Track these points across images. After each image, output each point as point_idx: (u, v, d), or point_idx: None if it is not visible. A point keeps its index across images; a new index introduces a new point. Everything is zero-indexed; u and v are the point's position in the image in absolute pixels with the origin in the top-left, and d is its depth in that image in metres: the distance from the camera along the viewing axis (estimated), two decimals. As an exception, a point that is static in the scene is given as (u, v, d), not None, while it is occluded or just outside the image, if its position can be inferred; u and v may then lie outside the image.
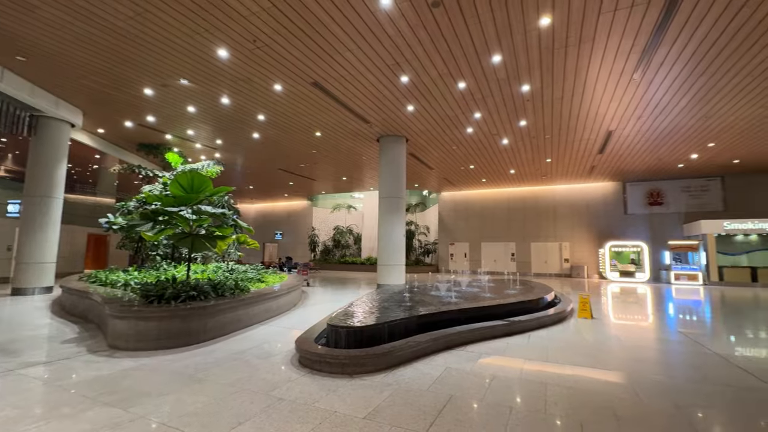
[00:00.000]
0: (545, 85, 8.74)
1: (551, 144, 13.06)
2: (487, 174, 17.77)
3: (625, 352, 5.16)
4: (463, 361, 4.48)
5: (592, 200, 19.41)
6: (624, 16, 6.25)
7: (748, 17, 6.19)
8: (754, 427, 2.91)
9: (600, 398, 3.42)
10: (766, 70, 7.79)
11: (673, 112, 10.15)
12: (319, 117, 10.87)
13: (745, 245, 15.89)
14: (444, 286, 8.41)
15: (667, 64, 7.73)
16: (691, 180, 17.61)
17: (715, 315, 8.48)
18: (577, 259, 19.39)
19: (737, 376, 4.08)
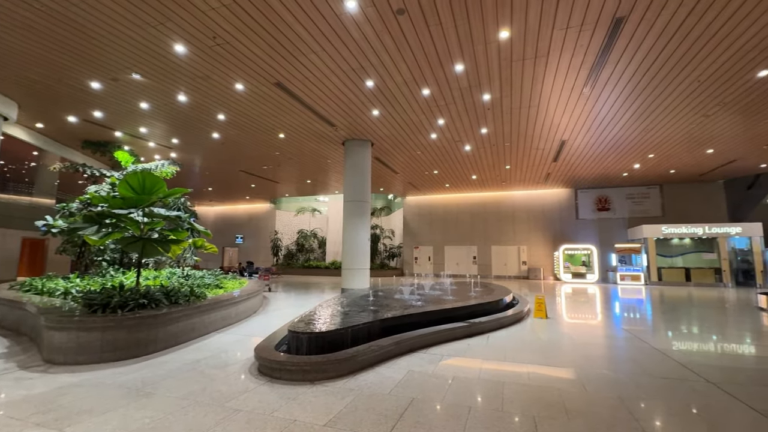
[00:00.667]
0: (505, 95, 9.13)
1: (510, 151, 13.64)
2: (450, 179, 18.22)
3: (576, 349, 5.46)
4: (426, 364, 4.54)
5: (548, 206, 20.46)
6: (574, 35, 6.68)
7: (679, 44, 6.83)
8: (686, 414, 3.17)
9: (552, 394, 3.59)
10: (695, 89, 8.62)
11: (618, 125, 10.96)
12: (283, 118, 10.65)
13: (680, 248, 17.42)
14: (408, 289, 8.50)
15: (612, 81, 8.34)
16: (634, 188, 19.07)
17: (655, 312, 9.20)
18: (534, 262, 20.32)
19: (673, 368, 4.45)
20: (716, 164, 14.92)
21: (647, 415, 3.13)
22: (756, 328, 7.12)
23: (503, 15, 6.19)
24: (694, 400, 3.46)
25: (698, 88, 8.58)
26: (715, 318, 8.20)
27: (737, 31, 6.49)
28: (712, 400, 3.48)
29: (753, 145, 12.49)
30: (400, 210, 23.72)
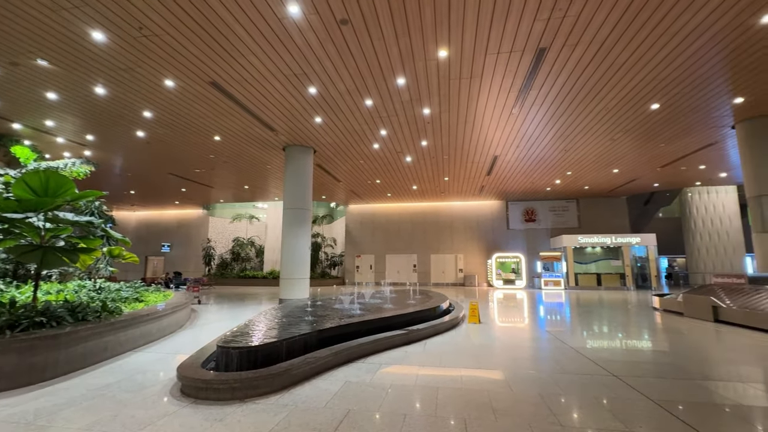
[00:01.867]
0: (443, 111, 9.59)
1: (449, 164, 14.31)
2: (392, 189, 18.57)
3: (505, 351, 5.82)
4: (363, 373, 4.51)
5: (482, 216, 21.74)
6: (504, 59, 7.26)
7: (591, 75, 7.75)
8: (595, 405, 3.52)
9: (482, 395, 3.77)
10: (604, 116, 9.82)
11: (542, 144, 12.07)
12: (219, 120, 10.09)
13: (593, 255, 19.52)
14: (348, 298, 8.43)
15: (537, 104, 9.18)
16: (555, 201, 21.05)
17: (573, 315, 10.16)
18: (470, 270, 21.38)
19: (585, 365, 4.93)
20: (621, 182, 17.07)
21: (563, 410, 3.42)
22: (651, 325, 8.19)
23: (442, 35, 6.53)
24: (602, 393, 3.86)
25: (606, 115, 9.78)
26: (620, 318, 9.27)
27: (635, 69, 7.54)
28: (616, 392, 3.90)
29: (649, 166, 14.51)
30: (343, 218, 23.60)
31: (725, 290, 9.03)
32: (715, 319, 8.40)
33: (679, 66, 7.40)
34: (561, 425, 3.08)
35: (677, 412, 3.35)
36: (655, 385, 4.10)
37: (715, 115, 9.72)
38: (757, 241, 9.87)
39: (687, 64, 7.35)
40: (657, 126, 10.45)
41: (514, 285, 19.62)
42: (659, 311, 10.22)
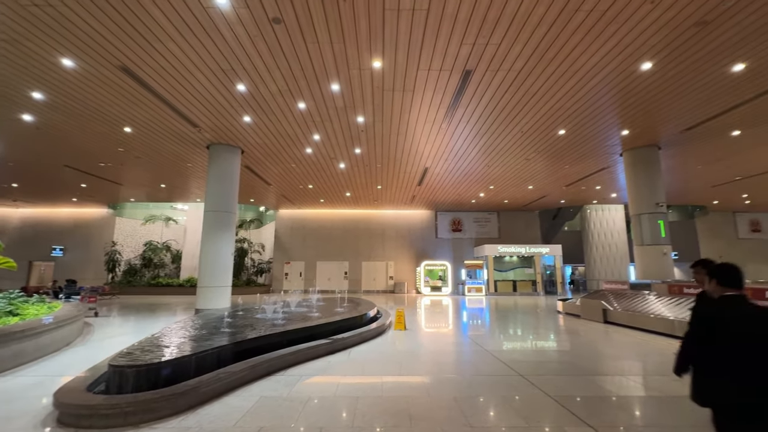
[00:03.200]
0: (377, 120, 9.75)
1: (382, 173, 14.56)
2: (325, 194, 18.33)
3: (427, 357, 6.00)
4: (281, 387, 4.30)
5: (413, 225, 22.45)
6: (435, 76, 7.64)
7: (509, 100, 8.51)
8: (503, 405, 3.78)
9: (401, 402, 3.82)
10: (520, 138, 10.82)
11: (468, 159, 12.89)
12: (131, 110, 9.05)
13: (510, 264, 21.26)
14: (272, 307, 8.04)
15: (464, 121, 9.80)
16: (479, 213, 22.58)
17: (491, 319, 10.89)
18: (400, 277, 21.87)
19: (498, 367, 5.29)
20: (534, 198, 18.92)
21: (474, 411, 3.61)
22: (554, 327, 9.10)
23: (376, 47, 6.65)
24: (509, 393, 4.16)
25: (522, 137, 10.80)
26: (530, 321, 10.17)
27: (545, 98, 8.45)
28: (521, 391, 4.24)
29: (557, 185, 16.31)
30: (272, 223, 22.64)
31: (614, 295, 10.42)
32: (605, 320, 9.63)
33: (580, 99, 8.46)
34: (471, 426, 3.24)
35: (570, 406, 3.73)
36: (555, 382, 4.53)
37: (608, 143, 11.28)
38: (637, 252, 11.60)
39: (586, 98, 8.43)
40: (563, 149, 11.80)
41: (440, 292, 20.49)
42: (562, 314, 11.43)
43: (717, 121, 9.55)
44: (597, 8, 5.66)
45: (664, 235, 11.00)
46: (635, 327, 8.61)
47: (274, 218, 22.54)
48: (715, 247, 23.30)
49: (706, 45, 6.48)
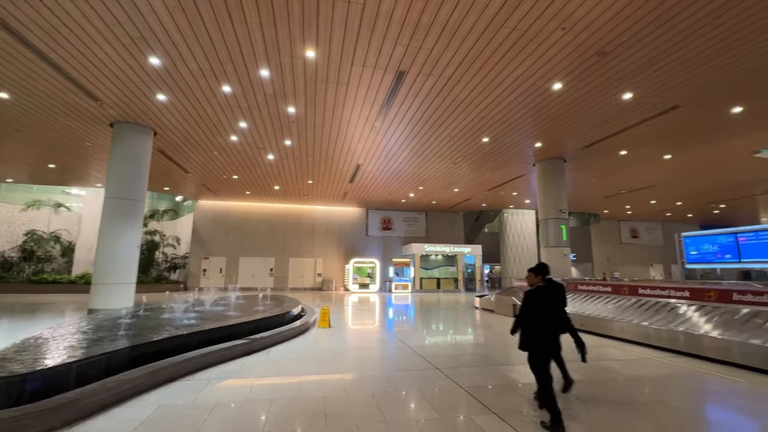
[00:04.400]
0: (309, 112, 9.45)
1: (313, 167, 14.19)
2: (252, 187, 17.34)
3: (351, 354, 5.97)
4: (186, 393, 3.92)
5: (344, 222, 22.33)
6: (369, 73, 7.62)
7: (439, 105, 8.86)
8: (418, 398, 3.89)
9: (317, 402, 3.72)
10: (448, 142, 11.34)
11: (399, 159, 13.16)
12: (9, 73, 7.55)
13: (435, 262, 22.28)
14: (183, 306, 7.34)
15: (396, 121, 9.96)
16: (409, 212, 23.27)
17: (416, 316, 11.26)
18: (329, 274, 21.61)
19: (417, 362, 5.45)
20: (459, 200, 20.05)
21: (390, 407, 3.65)
22: (472, 322, 9.72)
23: (310, 35, 6.42)
24: (425, 386, 4.30)
25: (449, 142, 11.34)
26: (450, 317, 10.73)
27: (472, 106, 8.96)
28: (437, 383, 4.41)
29: (480, 189, 17.47)
30: (191, 215, 20.79)
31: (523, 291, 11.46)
32: (515, 315, 10.54)
33: (502, 110, 9.13)
34: (386, 422, 3.27)
35: (479, 395, 3.97)
36: (467, 374, 4.81)
37: (524, 153, 12.37)
38: (543, 253, 12.91)
39: (507, 110, 9.12)
40: (486, 156, 12.66)
41: (368, 289, 20.68)
42: (479, 309, 12.27)
43: (609, 141, 11.03)
44: (519, 27, 6.12)
45: (565, 239, 12.40)
46: (539, 320, 9.56)
47: (192, 209, 20.71)
48: (604, 250, 27.02)
49: (604, 73, 7.42)
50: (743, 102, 8.49)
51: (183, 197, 21.17)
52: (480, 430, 3.14)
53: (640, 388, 4.43)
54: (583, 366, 5.30)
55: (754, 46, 6.45)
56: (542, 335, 3.44)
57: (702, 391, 4.40)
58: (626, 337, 7.02)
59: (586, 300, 8.86)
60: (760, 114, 9.08)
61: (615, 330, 7.30)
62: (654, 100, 8.47)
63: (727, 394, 4.25)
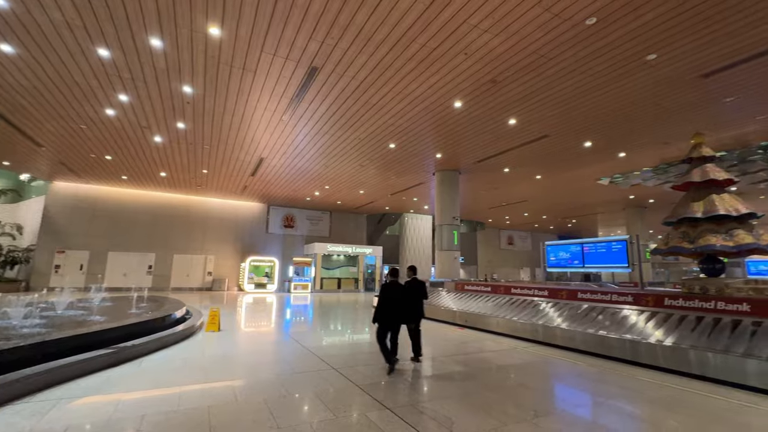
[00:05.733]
0: (209, 95, 8.59)
1: (210, 155, 12.92)
2: (130, 171, 14.95)
3: (242, 359, 5.58)
4: (23, 420, 3.17)
5: (242, 217, 20.83)
6: (280, 64, 7.28)
7: (350, 107, 8.94)
8: (314, 399, 3.84)
9: (201, 414, 3.39)
10: (357, 145, 11.50)
11: (306, 156, 12.85)
12: None
13: (337, 262, 22.33)
14: (23, 311, 5.91)
15: (306, 117, 9.71)
16: (313, 211, 22.87)
17: (314, 316, 11.09)
18: (221, 273, 19.88)
19: (314, 363, 5.37)
20: (364, 202, 20.48)
21: (283, 411, 3.53)
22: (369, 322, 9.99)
23: (215, 11, 5.84)
24: (321, 387, 4.27)
25: (358, 144, 11.52)
26: (349, 317, 10.86)
27: (381, 112, 9.26)
28: (333, 384, 4.41)
29: (384, 193, 18.12)
30: (41, 198, 16.96)
31: (417, 291, 12.23)
32: (409, 313, 11.18)
33: (408, 119, 9.64)
34: (278, 428, 3.15)
35: (374, 392, 4.10)
36: (363, 372, 4.92)
37: (426, 162, 13.26)
38: (437, 256, 14.02)
39: (413, 120, 9.68)
40: (392, 162, 13.21)
41: (265, 289, 19.66)
42: (377, 309, 12.67)
43: (497, 159, 12.56)
44: (428, 45, 6.56)
45: (456, 243, 13.66)
46: (431, 318, 10.33)
47: (45, 192, 16.91)
48: (487, 254, 30.58)
49: (496, 98, 8.43)
50: (592, 139, 10.55)
51: (30, 176, 17.13)
52: (374, 426, 3.24)
53: (508, 374, 5.13)
54: (465, 358, 5.90)
55: (601, 96, 8.09)
56: (385, 315, 5.10)
57: (553, 373, 5.30)
58: (501, 330, 8.06)
59: (471, 299, 9.90)
60: (601, 150, 11.40)
61: (492, 325, 8.32)
62: (532, 128, 9.94)
63: (571, 375, 5.21)
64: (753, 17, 5.63)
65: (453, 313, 9.61)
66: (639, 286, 7.85)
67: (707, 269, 6.62)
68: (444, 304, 10.45)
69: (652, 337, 5.60)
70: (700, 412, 3.76)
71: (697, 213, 6.45)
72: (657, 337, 5.56)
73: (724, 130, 9.74)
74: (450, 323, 9.50)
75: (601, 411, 3.87)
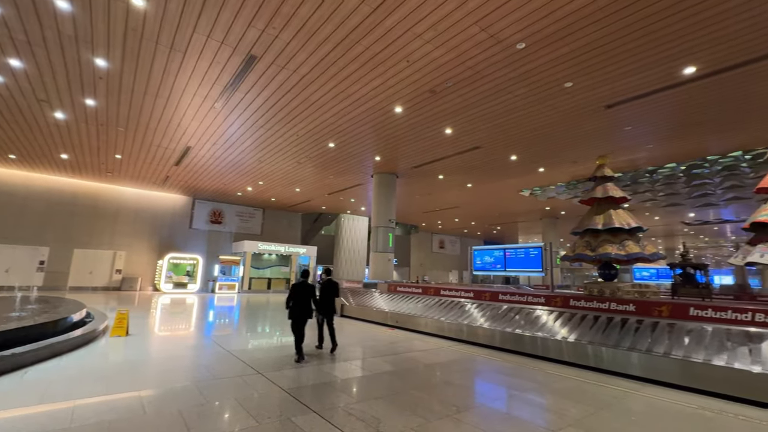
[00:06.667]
0: (128, 72, 7.69)
1: (125, 139, 11.55)
2: (20, 150, 12.77)
3: (154, 366, 5.05)
4: None
5: (162, 210, 18.98)
6: (214, 48, 6.79)
7: (289, 102, 8.65)
8: (236, 406, 3.61)
9: (100, 428, 2.99)
10: (295, 141, 11.15)
11: (240, 148, 12.14)
12: None
13: (268, 262, 21.41)
14: None
15: (241, 107, 9.17)
16: (244, 207, 21.67)
17: (241, 318, 10.47)
18: (132, 271, 17.88)
19: (238, 367, 5.06)
20: (300, 200, 19.93)
21: (201, 422, 3.26)
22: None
23: (139, -21, 5.26)
24: (244, 393, 4.03)
25: (296, 141, 11.18)
26: (277, 318, 10.44)
27: (322, 110, 9.10)
28: (257, 389, 4.20)
29: (321, 192, 17.81)
30: None
31: (351, 292, 12.23)
32: (342, 314, 11.13)
33: (349, 120, 9.61)
34: (193, 439, 2.90)
35: (300, 396, 3.99)
36: (290, 375, 4.77)
37: (365, 164, 13.33)
38: (372, 257, 14.15)
39: (354, 121, 9.67)
40: (331, 161, 13.04)
41: (186, 289, 18.14)
42: (308, 310, 12.38)
43: (432, 166, 13.08)
44: (372, 48, 6.61)
45: (391, 245, 13.92)
46: (363, 319, 10.38)
47: None
48: (419, 257, 31.65)
49: (434, 108, 8.78)
50: (517, 153, 11.51)
51: None
52: (299, 430, 3.15)
53: (434, 372, 5.35)
54: (394, 358, 6.03)
55: (525, 115, 8.86)
56: (296, 311, 5.74)
57: (475, 370, 5.64)
58: (430, 331, 8.38)
59: (403, 300, 10.15)
60: (525, 164, 12.50)
61: (422, 325, 8.61)
62: (466, 139, 10.54)
63: (490, 371, 5.59)
64: (648, 60, 6.61)
65: (385, 314, 9.76)
66: (550, 288, 8.73)
67: (604, 274, 7.60)
68: (376, 305, 10.58)
69: (559, 335, 6.25)
70: (593, 400, 4.28)
71: (599, 225, 7.38)
72: (563, 334, 6.22)
73: (621, 154, 11.28)
74: (382, 324, 9.64)
75: (513, 403, 4.21)
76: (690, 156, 11.30)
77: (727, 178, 12.60)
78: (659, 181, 13.69)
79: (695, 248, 31.00)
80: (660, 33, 5.89)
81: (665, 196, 15.43)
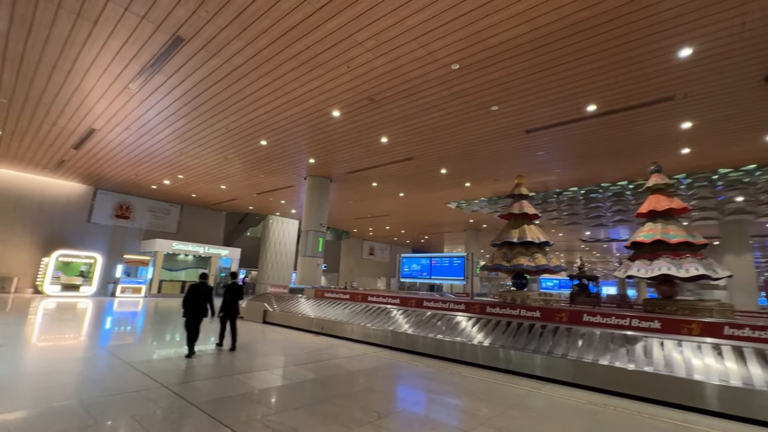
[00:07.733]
0: (18, 35, 6.51)
1: (8, 113, 9.73)
2: None
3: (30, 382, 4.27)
4: None
5: (52, 199, 16.31)
6: (134, 22, 6.08)
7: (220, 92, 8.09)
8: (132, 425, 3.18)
9: (-58, 465, 2.41)
10: (223, 135, 10.44)
11: (157, 137, 10.98)
12: None
13: (184, 263, 19.57)
14: None
15: (161, 92, 8.32)
16: (158, 202, 19.61)
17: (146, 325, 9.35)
18: (6, 270, 15.02)
19: (136, 380, 4.49)
20: (225, 198, 18.65)
21: (86, 445, 2.82)
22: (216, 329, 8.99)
23: (40, -72, 4.51)
24: (144, 409, 3.58)
25: (225, 134, 10.47)
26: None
27: (256, 105, 8.66)
28: (161, 404, 3.76)
29: (249, 191, 16.86)
30: None
31: (275, 297, 11.69)
32: (264, 320, 10.58)
33: (284, 119, 9.29)
34: (74, 467, 2.48)
35: (212, 409, 3.66)
36: (201, 387, 4.37)
37: (298, 165, 12.95)
38: (300, 262, 13.74)
39: (288, 120, 9.36)
40: (262, 159, 12.44)
41: (78, 291, 15.74)
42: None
43: (367, 173, 13.20)
44: (312, 48, 6.49)
45: (320, 250, 13.67)
46: (288, 325, 9.98)
47: None
48: (349, 263, 31.58)
49: (372, 116, 8.89)
50: (447, 167, 12.17)
51: None
52: (207, 448, 2.88)
53: (357, 379, 5.32)
54: (317, 365, 5.88)
55: (455, 132, 9.43)
56: (190, 310, 6.02)
57: (397, 376, 5.74)
58: (356, 337, 8.34)
59: (329, 306, 9.98)
60: (453, 177, 13.25)
61: (347, 332, 8.55)
62: (400, 149, 10.84)
63: (412, 376, 5.74)
64: (561, 94, 7.48)
65: (310, 321, 9.50)
66: (470, 296, 9.30)
67: (517, 283, 8.33)
68: (302, 311, 10.25)
69: (476, 339, 6.67)
70: (502, 399, 4.63)
71: (514, 238, 8.09)
72: (479, 339, 6.65)
73: (535, 176, 12.57)
74: (307, 331, 9.36)
75: (432, 406, 4.37)
76: (589, 182, 13.01)
77: (616, 203, 14.76)
78: (564, 202, 15.52)
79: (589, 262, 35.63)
80: (571, 72, 6.72)
81: (568, 216, 17.53)
